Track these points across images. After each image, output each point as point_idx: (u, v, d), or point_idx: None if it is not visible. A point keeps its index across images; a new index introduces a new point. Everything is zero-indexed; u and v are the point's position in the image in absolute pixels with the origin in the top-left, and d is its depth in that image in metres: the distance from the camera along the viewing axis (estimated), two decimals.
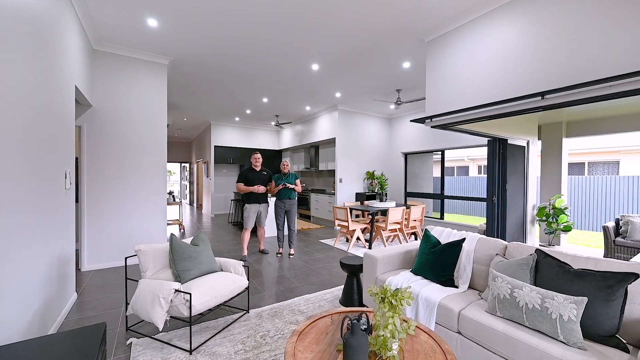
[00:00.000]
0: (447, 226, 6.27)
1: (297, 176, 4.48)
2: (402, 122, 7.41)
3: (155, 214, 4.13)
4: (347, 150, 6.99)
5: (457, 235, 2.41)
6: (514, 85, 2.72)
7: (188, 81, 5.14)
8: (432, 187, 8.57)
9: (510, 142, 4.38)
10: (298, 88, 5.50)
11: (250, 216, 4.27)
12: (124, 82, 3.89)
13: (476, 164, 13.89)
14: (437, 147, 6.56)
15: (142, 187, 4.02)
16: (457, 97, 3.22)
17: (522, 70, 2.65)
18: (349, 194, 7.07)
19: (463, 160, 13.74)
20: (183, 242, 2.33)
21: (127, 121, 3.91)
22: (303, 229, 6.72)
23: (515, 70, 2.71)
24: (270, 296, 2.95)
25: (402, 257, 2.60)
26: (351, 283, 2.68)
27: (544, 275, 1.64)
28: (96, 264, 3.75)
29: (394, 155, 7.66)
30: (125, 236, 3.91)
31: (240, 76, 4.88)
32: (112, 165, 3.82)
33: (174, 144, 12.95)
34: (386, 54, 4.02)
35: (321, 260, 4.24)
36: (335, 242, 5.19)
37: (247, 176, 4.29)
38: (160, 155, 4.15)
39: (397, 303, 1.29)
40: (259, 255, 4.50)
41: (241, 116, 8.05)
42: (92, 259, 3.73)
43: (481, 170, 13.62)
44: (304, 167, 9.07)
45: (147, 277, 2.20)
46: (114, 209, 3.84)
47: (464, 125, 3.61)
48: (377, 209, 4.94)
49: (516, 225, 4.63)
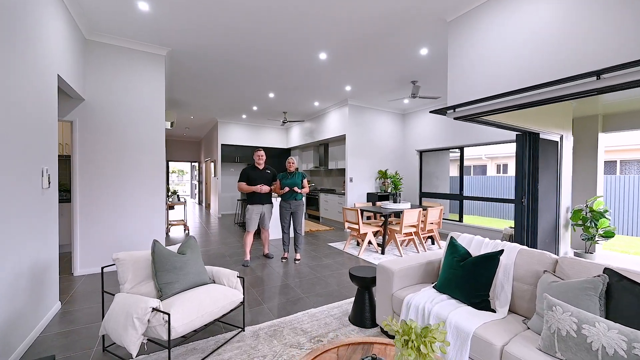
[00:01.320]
0: (466, 230, 5.80)
1: (304, 175, 4.14)
2: (417, 117, 6.96)
3: (154, 215, 3.88)
4: (357, 148, 6.60)
5: (491, 246, 2.01)
6: (555, 66, 2.28)
7: (191, 75, 4.89)
8: (449, 187, 8.09)
9: (543, 136, 3.90)
10: (306, 81, 5.16)
11: (252, 218, 3.96)
12: (120, 74, 3.65)
13: (495, 163, 13.18)
14: (455, 143, 6.09)
15: (139, 186, 3.77)
16: (485, 84, 2.79)
17: (568, 48, 2.21)
18: (360, 194, 6.68)
19: (481, 159, 13.06)
20: (167, 250, 2.02)
21: (123, 116, 3.67)
22: (311, 231, 6.38)
23: (558, 48, 2.27)
24: (270, 309, 2.62)
25: (422, 270, 2.22)
26: (362, 298, 2.32)
27: (621, 305, 1.24)
28: (90, 267, 3.52)
29: (408, 153, 7.21)
30: (121, 238, 3.67)
31: (244, 68, 4.58)
32: (107, 163, 3.59)
33: (184, 143, 12.88)
34: (401, 40, 3.62)
35: (329, 266, 3.88)
36: (345, 246, 4.83)
37: (249, 175, 3.99)
38: (158, 153, 3.90)
39: (428, 349, 0.92)
40: (263, 259, 4.19)
41: (248, 113, 7.78)
42: (85, 263, 3.50)
43: (500, 170, 12.91)
44: (313, 165, 8.74)
45: (125, 291, 1.90)
46: (110, 210, 3.60)
47: (492, 117, 3.18)
48: (390, 211, 4.54)
49: (547, 230, 4.13)
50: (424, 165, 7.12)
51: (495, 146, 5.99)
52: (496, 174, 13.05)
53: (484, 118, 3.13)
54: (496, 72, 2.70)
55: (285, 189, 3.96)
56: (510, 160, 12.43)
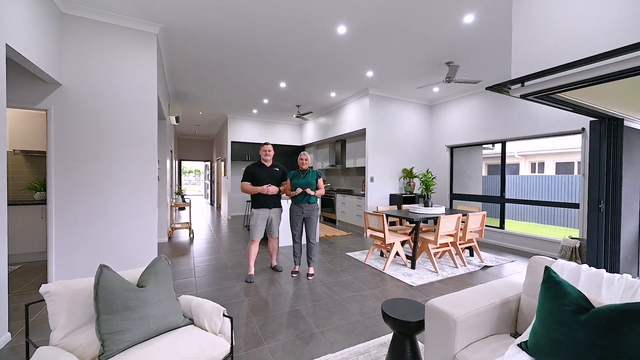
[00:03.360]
0: (510, 238, 4.92)
1: (319, 174, 3.46)
2: (448, 108, 6.11)
3: (144, 219, 3.33)
4: (379, 144, 5.85)
5: (621, 285, 1.24)
6: None
7: (193, 62, 4.32)
8: (481, 188, 7.17)
9: (628, 123, 3.02)
10: (321, 66, 4.47)
11: (257, 225, 3.33)
12: (103, 55, 3.11)
13: (528, 161, 11.96)
14: (495, 137, 5.21)
15: (127, 185, 3.23)
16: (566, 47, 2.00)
17: None
18: (382, 196, 5.93)
19: (513, 157, 11.88)
20: (119, 281, 1.39)
21: (108, 104, 3.13)
22: (327, 237, 5.69)
23: None
24: (273, 351, 1.96)
25: (496, 314, 1.48)
26: (401, 349, 1.60)
27: None
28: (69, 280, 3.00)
29: (436, 149, 6.38)
30: (105, 246, 3.14)
31: (251, 50, 3.95)
32: (89, 158, 3.06)
33: (195, 142, 12.57)
34: (441, 3, 2.87)
35: (349, 285, 3.18)
36: (366, 257, 4.10)
37: (254, 173, 3.36)
38: (149, 147, 3.34)
39: None
40: (270, 273, 3.55)
41: (259, 108, 7.20)
42: (63, 275, 2.99)
43: (535, 169, 11.68)
44: (329, 164, 8.05)
45: (53, 342, 1.29)
46: (92, 213, 3.08)
47: (569, 93, 2.37)
48: (423, 217, 3.78)
49: (630, 242, 3.24)
50: (454, 163, 6.27)
51: (530, 143, 5.13)
52: (530, 173, 11.84)
53: (560, 95, 2.33)
54: (585, 27, 1.91)
55: (298, 191, 3.30)
56: (547, 159, 11.21)
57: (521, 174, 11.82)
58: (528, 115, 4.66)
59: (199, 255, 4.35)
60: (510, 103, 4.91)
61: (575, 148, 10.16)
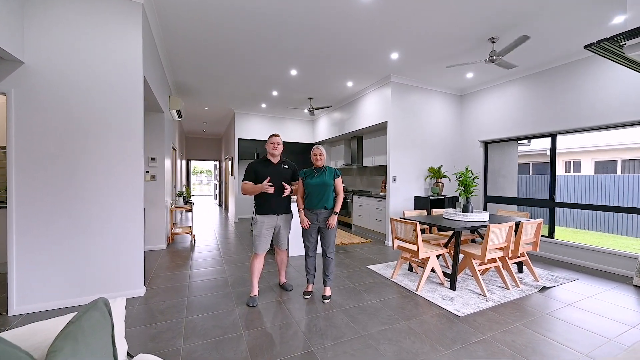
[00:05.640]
0: (563, 250, 4.12)
1: (337, 172, 2.81)
2: (480, 98, 5.35)
3: (129, 226, 2.77)
4: (402, 140, 5.14)
5: None
6: None
7: (193, 47, 3.76)
8: (517, 189, 6.33)
9: None
10: (338, 47, 3.82)
11: (262, 234, 2.71)
12: (76, 28, 2.57)
13: (562, 160, 10.92)
14: (542, 130, 4.42)
15: (106, 185, 2.68)
16: None
17: None
18: (405, 198, 5.22)
19: (544, 155, 10.86)
20: (8, 353, 0.78)
21: (81, 86, 2.58)
22: (342, 244, 5.03)
23: None
24: None
25: None
26: None
27: None
28: (33, 303, 2.47)
29: (467, 144, 5.62)
30: (80, 260, 2.60)
31: (256, 31, 3.34)
32: (59, 153, 2.52)
33: (204, 140, 12.16)
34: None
35: (377, 312, 2.51)
36: (393, 272, 3.42)
37: (257, 171, 2.74)
38: (133, 140, 2.78)
39: None
40: (278, 292, 2.92)
41: (268, 101, 6.62)
42: (27, 297, 2.45)
43: (570, 168, 10.63)
44: (344, 163, 7.38)
45: None
46: (62, 219, 2.54)
47: None
48: (467, 225, 3.05)
49: None
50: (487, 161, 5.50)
51: (564, 140, 4.24)
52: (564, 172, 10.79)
53: None
54: None
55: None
56: (584, 157, 10.16)
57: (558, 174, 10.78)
58: (588, 102, 3.85)
59: (197, 266, 3.77)
60: (564, 89, 4.11)
61: (624, 144, 9.07)
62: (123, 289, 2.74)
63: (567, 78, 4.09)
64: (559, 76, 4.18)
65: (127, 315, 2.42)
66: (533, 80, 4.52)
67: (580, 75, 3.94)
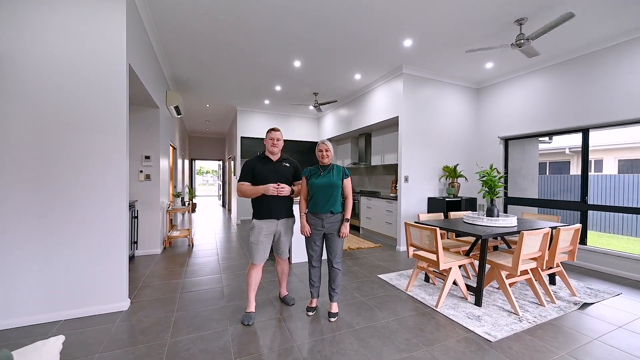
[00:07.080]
0: (599, 259, 3.68)
1: (346, 172, 2.44)
2: (499, 91, 4.92)
3: (108, 233, 2.46)
4: (414, 136, 4.75)
5: None
6: None
7: (188, 39, 3.44)
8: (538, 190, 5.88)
9: None
10: (345, 33, 3.45)
11: (260, 242, 2.36)
12: (47, 8, 2.27)
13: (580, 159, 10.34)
14: (570, 124, 3.99)
15: (81, 186, 2.37)
16: None
17: None
18: (419, 199, 4.82)
19: (563, 153, 10.29)
20: None
21: (53, 74, 2.28)
22: (350, 249, 4.67)
23: None
24: None
25: None
26: None
27: None
28: (6, 319, 2.18)
29: (485, 141, 5.20)
30: (50, 273, 2.29)
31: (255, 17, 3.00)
32: (29, 149, 2.23)
33: (207, 140, 11.93)
34: None
35: (392, 335, 2.14)
36: (408, 284, 3.03)
37: (255, 170, 2.40)
38: (115, 134, 2.46)
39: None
40: (278, 308, 2.57)
41: (271, 97, 6.29)
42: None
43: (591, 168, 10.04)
44: (351, 162, 7.01)
45: None
46: (30, 225, 2.24)
47: None
48: (495, 231, 2.65)
49: None
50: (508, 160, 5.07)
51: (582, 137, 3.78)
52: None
53: None
54: None
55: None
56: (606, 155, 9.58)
57: (572, 173, 10.21)
58: (626, 89, 3.41)
59: (191, 274, 3.45)
60: (595, 78, 3.67)
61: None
62: (102, 303, 2.43)
63: (599, 65, 3.64)
64: (589, 65, 3.74)
65: (104, 335, 2.10)
66: (557, 71, 4.08)
67: (617, 62, 3.50)
